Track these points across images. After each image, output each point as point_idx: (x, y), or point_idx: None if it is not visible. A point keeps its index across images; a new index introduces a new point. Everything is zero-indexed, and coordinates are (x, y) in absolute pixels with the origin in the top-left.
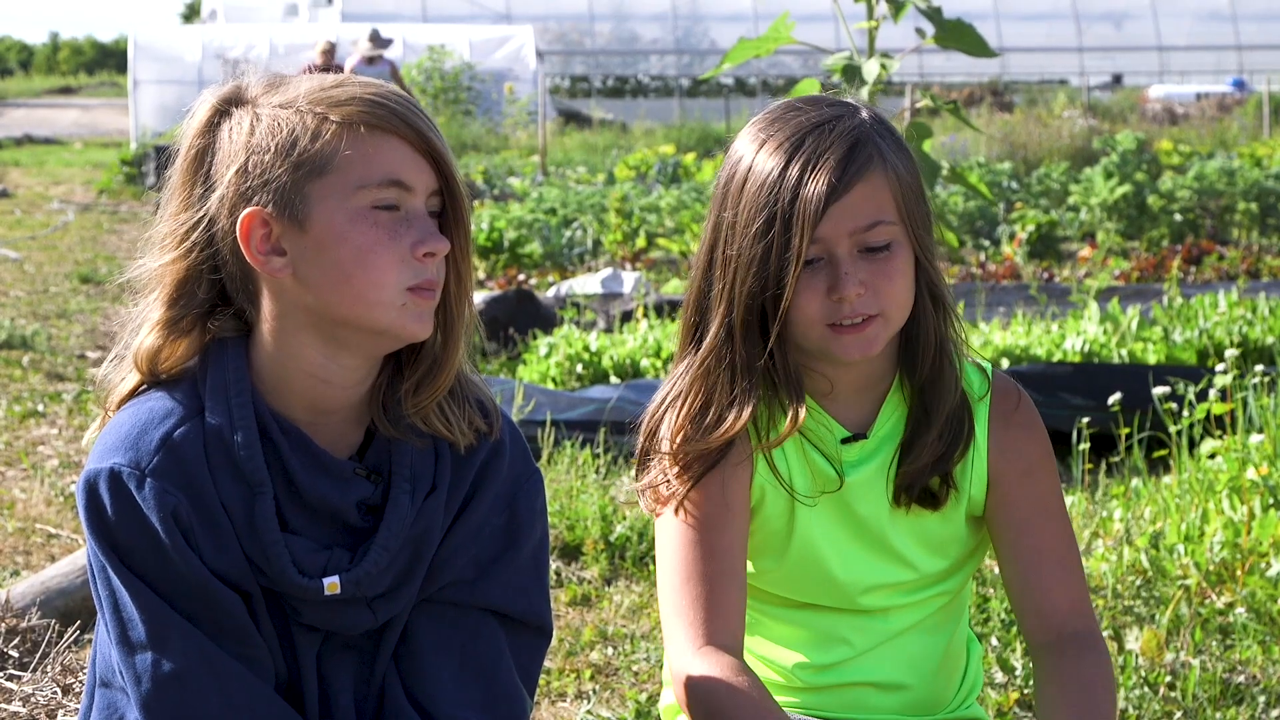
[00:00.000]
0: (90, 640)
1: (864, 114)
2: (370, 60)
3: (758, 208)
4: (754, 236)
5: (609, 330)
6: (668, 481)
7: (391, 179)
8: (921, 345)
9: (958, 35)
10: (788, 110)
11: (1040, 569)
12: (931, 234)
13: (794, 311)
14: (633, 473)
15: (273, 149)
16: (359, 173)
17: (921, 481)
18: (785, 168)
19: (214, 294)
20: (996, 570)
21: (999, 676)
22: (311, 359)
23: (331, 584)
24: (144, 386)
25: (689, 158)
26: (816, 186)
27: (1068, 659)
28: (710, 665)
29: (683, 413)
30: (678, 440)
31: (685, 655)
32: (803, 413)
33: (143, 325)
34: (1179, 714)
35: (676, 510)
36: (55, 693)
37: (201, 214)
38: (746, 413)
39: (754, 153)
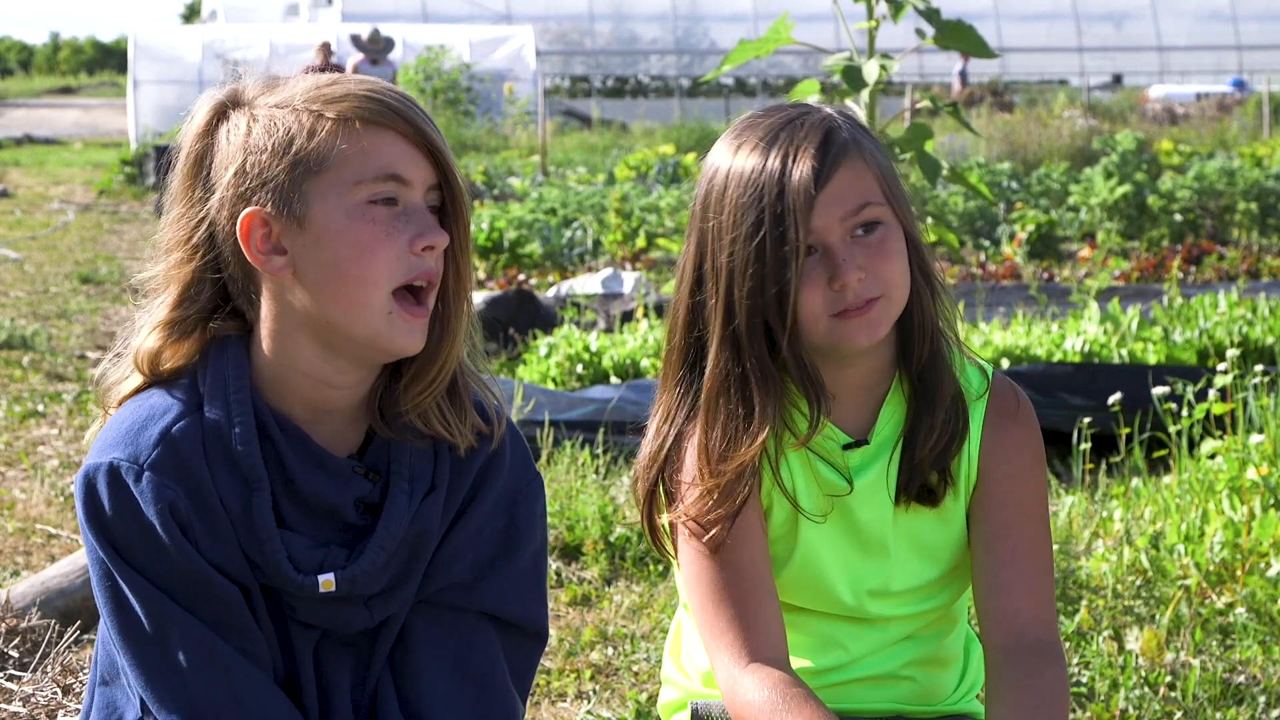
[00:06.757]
0: (91, 640)
1: (829, 109)
2: (374, 61)
3: (744, 208)
4: (745, 238)
5: (609, 330)
6: (704, 520)
7: (388, 173)
8: (917, 327)
9: (958, 36)
10: (754, 118)
11: (1012, 571)
12: (914, 217)
13: (798, 307)
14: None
15: (270, 148)
16: (356, 168)
17: (921, 476)
18: (766, 164)
19: (216, 296)
20: None
21: None
22: (308, 360)
23: (326, 581)
24: (145, 387)
25: (689, 158)
26: (802, 175)
27: (1028, 668)
28: (759, 683)
29: (705, 443)
30: (706, 475)
31: (733, 675)
32: (828, 404)
33: (145, 327)
34: (1179, 714)
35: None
36: (55, 693)
37: (202, 216)
38: (769, 421)
39: (730, 158)
